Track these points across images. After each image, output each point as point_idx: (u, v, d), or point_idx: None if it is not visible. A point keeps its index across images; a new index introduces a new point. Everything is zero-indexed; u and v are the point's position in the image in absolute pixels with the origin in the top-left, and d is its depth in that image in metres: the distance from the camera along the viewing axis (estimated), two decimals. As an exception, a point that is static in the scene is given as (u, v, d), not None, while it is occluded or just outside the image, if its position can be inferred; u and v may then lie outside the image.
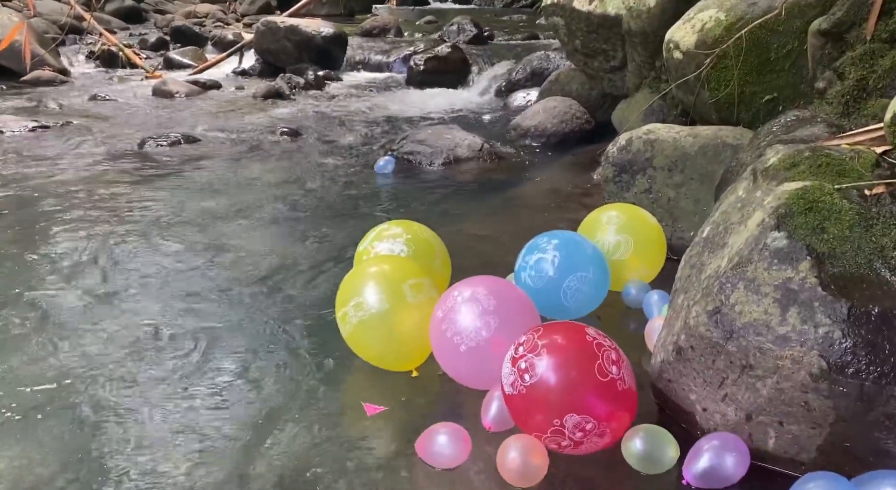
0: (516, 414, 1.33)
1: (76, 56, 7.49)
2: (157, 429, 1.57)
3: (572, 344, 1.31)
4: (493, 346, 1.47)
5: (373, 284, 1.67)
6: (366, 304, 1.65)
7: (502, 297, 1.55)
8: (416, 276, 1.71)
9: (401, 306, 1.65)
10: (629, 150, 2.48)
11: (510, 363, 1.33)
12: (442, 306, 1.58)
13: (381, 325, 1.65)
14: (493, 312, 1.51)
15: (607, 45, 3.70)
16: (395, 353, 1.70)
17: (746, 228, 1.39)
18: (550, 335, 1.33)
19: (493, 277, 1.68)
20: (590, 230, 2.13)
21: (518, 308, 1.57)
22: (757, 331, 1.25)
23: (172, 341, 1.97)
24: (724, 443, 1.31)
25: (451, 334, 1.52)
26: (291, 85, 6.16)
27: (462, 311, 1.52)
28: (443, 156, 3.92)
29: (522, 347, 1.32)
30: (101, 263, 2.51)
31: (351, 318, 1.67)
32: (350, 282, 1.75)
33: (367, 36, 8.89)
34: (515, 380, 1.29)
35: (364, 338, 1.69)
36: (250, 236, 2.79)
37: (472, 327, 1.50)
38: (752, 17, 2.31)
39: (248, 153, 4.12)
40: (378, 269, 1.74)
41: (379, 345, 1.69)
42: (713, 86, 2.44)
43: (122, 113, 5.20)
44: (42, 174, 3.60)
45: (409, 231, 2.00)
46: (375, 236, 2.00)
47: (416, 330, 1.65)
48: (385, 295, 1.65)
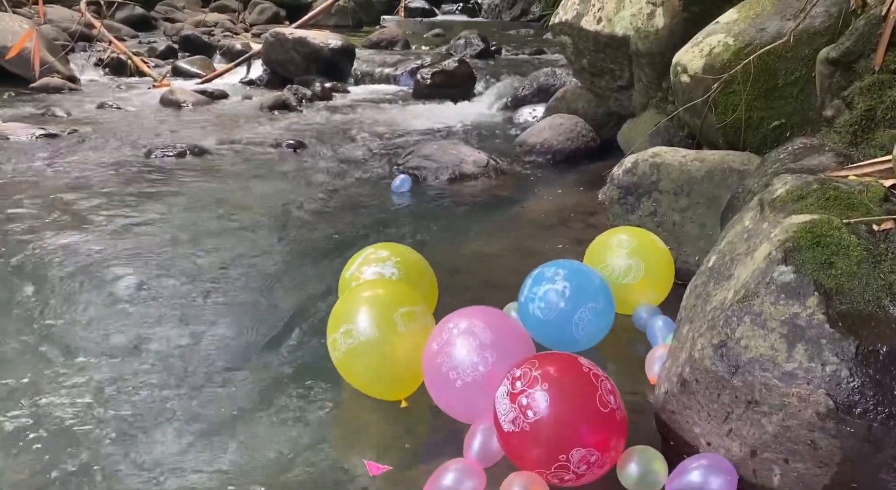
0: (517, 451, 1.31)
1: (85, 64, 7.53)
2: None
3: (571, 377, 1.29)
4: (490, 381, 1.44)
5: (364, 311, 1.64)
6: (355, 332, 1.62)
7: (498, 329, 1.53)
8: (409, 303, 1.68)
9: (391, 335, 1.62)
10: (635, 172, 2.48)
11: (508, 399, 1.30)
12: (437, 339, 1.55)
13: (371, 354, 1.62)
14: (490, 346, 1.48)
15: (614, 65, 3.71)
16: (384, 383, 1.66)
17: (753, 261, 1.38)
18: (547, 368, 1.30)
19: (487, 308, 1.65)
20: (599, 253, 2.12)
21: (514, 341, 1.55)
22: (763, 366, 1.23)
23: (164, 360, 1.97)
24: (711, 463, 1.31)
25: (447, 369, 1.49)
26: (298, 96, 6.19)
27: (458, 345, 1.49)
28: (448, 171, 3.93)
29: (520, 382, 1.29)
30: (101, 275, 2.51)
31: (340, 344, 1.64)
32: (342, 306, 1.71)
33: (375, 48, 8.94)
34: (517, 416, 1.27)
35: (353, 366, 1.66)
36: (254, 250, 2.79)
37: (469, 362, 1.47)
38: (760, 44, 2.31)
39: (255, 165, 4.13)
40: (371, 294, 1.71)
41: (368, 373, 1.66)
42: (720, 110, 2.44)
43: (130, 122, 5.22)
44: (47, 183, 3.62)
45: (397, 253, 1.97)
46: (363, 261, 1.95)
47: (407, 360, 1.62)
48: (375, 323, 1.62)
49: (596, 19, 3.61)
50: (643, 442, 1.48)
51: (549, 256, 2.72)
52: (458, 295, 2.44)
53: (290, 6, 12.04)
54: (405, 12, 15.19)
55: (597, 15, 3.61)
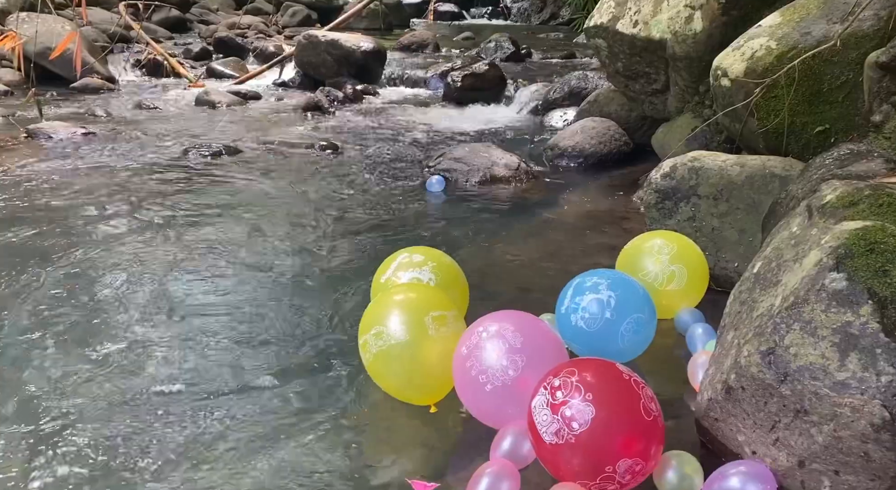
0: (560, 462, 1.27)
1: (123, 64, 7.70)
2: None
3: (613, 385, 1.27)
4: (520, 386, 1.42)
5: (395, 314, 1.63)
6: (386, 334, 1.61)
7: (529, 333, 1.50)
8: (440, 307, 1.66)
9: (422, 339, 1.60)
10: (673, 176, 2.45)
11: (549, 410, 1.26)
12: (466, 342, 1.53)
13: (401, 357, 1.61)
14: (520, 350, 1.46)
15: (650, 69, 3.67)
16: (413, 387, 1.65)
17: (802, 267, 1.36)
18: (587, 377, 1.27)
19: (518, 312, 1.63)
20: (636, 259, 2.09)
21: (545, 345, 1.52)
22: (813, 375, 1.21)
23: (193, 363, 1.99)
24: (750, 470, 1.29)
25: (477, 372, 1.47)
26: (330, 98, 6.25)
27: (487, 349, 1.47)
28: (479, 174, 3.93)
29: (561, 392, 1.26)
30: (141, 272, 2.56)
31: (371, 346, 1.63)
32: (373, 309, 1.71)
33: (405, 51, 8.99)
34: (560, 428, 1.24)
35: (383, 369, 1.66)
36: (287, 249, 2.82)
37: (499, 366, 1.45)
38: (805, 47, 2.27)
39: (288, 165, 4.18)
40: (402, 297, 1.70)
41: (398, 377, 1.65)
42: (762, 115, 2.40)
43: (167, 122, 5.32)
44: (89, 180, 3.70)
45: (432, 258, 1.96)
46: (398, 266, 1.93)
47: (437, 364, 1.60)
48: (406, 326, 1.61)
49: (632, 23, 3.58)
50: (679, 447, 1.46)
51: (581, 262, 2.70)
52: (489, 300, 2.43)
53: (322, 9, 12.17)
54: (434, 15, 15.26)
55: (633, 18, 3.58)
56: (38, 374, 1.87)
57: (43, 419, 1.67)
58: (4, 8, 7.72)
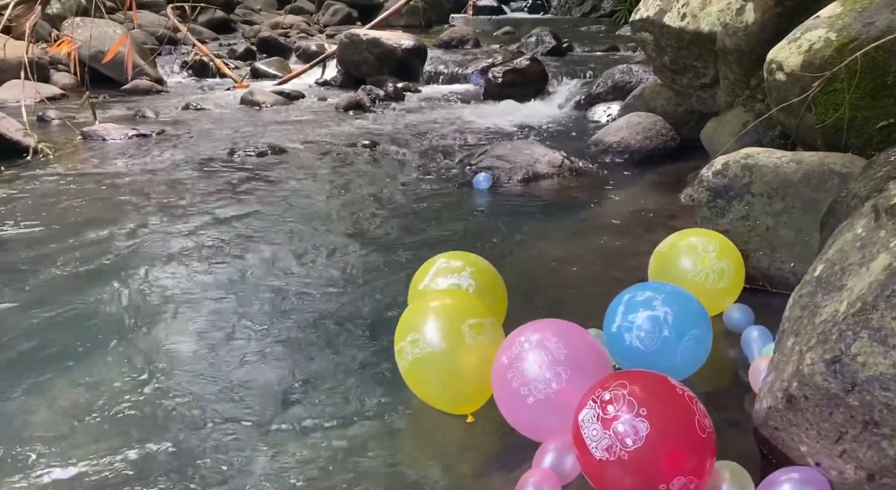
0: (611, 479, 1.22)
1: (171, 66, 7.90)
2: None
3: (667, 400, 1.22)
4: (564, 399, 1.38)
5: (431, 321, 1.60)
6: (422, 342, 1.57)
7: (573, 344, 1.45)
8: (477, 315, 1.63)
9: (458, 347, 1.57)
10: (726, 174, 2.38)
11: (600, 424, 1.21)
12: (507, 352, 1.48)
13: (437, 365, 1.58)
14: (564, 362, 1.41)
15: (698, 62, 3.58)
16: (450, 396, 1.62)
17: (870, 272, 1.30)
18: (639, 390, 1.22)
19: (560, 321, 1.58)
20: (680, 258, 2.04)
21: (590, 357, 1.47)
22: (884, 385, 1.16)
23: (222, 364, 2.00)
24: (803, 477, 1.25)
25: (518, 384, 1.42)
26: (372, 96, 6.29)
27: (529, 360, 1.43)
28: (522, 171, 3.89)
29: (613, 407, 1.21)
30: (181, 270, 2.62)
31: (407, 354, 1.61)
32: (410, 315, 1.68)
33: (445, 47, 8.98)
34: (612, 444, 1.19)
35: (419, 376, 1.63)
36: (331, 249, 2.85)
37: (542, 378, 1.41)
38: (868, 38, 2.17)
39: (332, 165, 4.23)
40: (439, 304, 1.67)
41: (434, 385, 1.62)
42: (820, 110, 2.31)
43: (213, 122, 5.44)
44: (139, 179, 3.81)
45: (471, 263, 1.91)
46: (437, 271, 1.89)
47: (474, 373, 1.57)
48: (442, 333, 1.58)
49: (680, 15, 3.49)
50: (735, 454, 1.43)
51: (626, 263, 2.65)
52: (532, 302, 2.40)
53: (363, 6, 12.26)
54: (474, 10, 15.20)
55: (681, 11, 3.49)
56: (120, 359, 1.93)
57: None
58: (60, 13, 8.01)
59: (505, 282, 2.57)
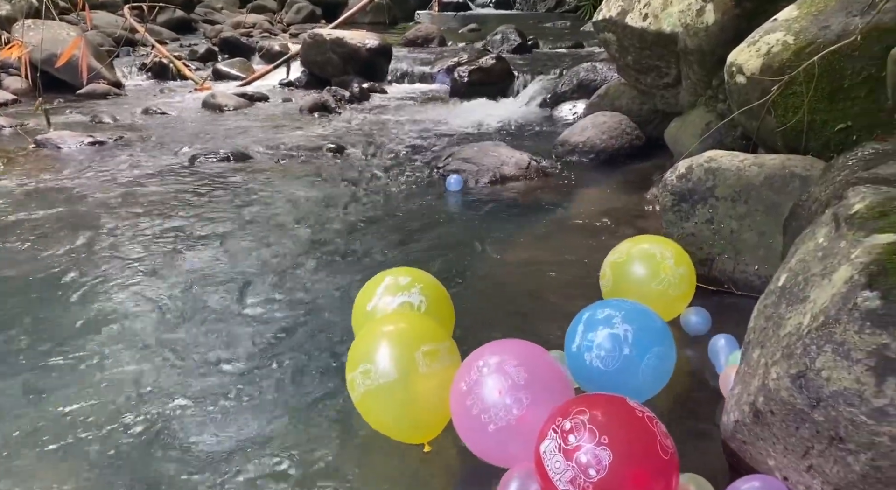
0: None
1: (129, 68, 7.69)
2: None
3: (628, 425, 1.19)
4: (525, 424, 1.34)
5: (382, 349, 1.53)
6: (374, 373, 1.50)
7: (533, 368, 1.41)
8: (432, 340, 1.55)
9: (412, 377, 1.50)
10: (689, 178, 2.39)
11: (562, 456, 1.18)
12: (465, 378, 1.43)
13: (390, 397, 1.51)
14: (524, 387, 1.37)
15: (661, 62, 3.60)
16: (405, 426, 1.56)
17: (832, 284, 1.30)
18: (598, 417, 1.19)
19: (519, 342, 1.53)
20: (639, 266, 2.01)
21: (550, 380, 1.43)
22: (848, 401, 1.16)
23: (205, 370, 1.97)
24: (764, 485, 1.26)
25: (478, 411, 1.38)
26: (337, 97, 6.20)
27: (489, 385, 1.39)
28: (489, 174, 3.87)
29: (574, 436, 1.18)
30: (146, 282, 2.54)
31: (358, 385, 1.54)
32: (361, 343, 1.60)
33: (411, 46, 8.92)
34: (576, 476, 1.16)
35: (372, 408, 1.56)
36: (295, 259, 2.79)
37: (502, 404, 1.37)
38: (824, 42, 2.19)
39: (296, 170, 4.15)
40: (391, 330, 1.59)
41: (388, 416, 1.56)
42: (780, 112, 2.33)
43: (174, 127, 5.30)
44: (97, 191, 3.68)
45: (418, 279, 1.84)
46: (385, 290, 1.80)
47: (430, 402, 1.51)
48: (395, 363, 1.50)
49: (642, 16, 3.50)
50: (704, 466, 1.43)
51: (595, 266, 2.63)
52: (503, 309, 2.39)
53: (327, 4, 12.11)
54: (439, 7, 15.13)
55: (643, 11, 3.50)
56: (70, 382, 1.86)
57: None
58: (10, 15, 7.72)
59: (474, 289, 2.57)
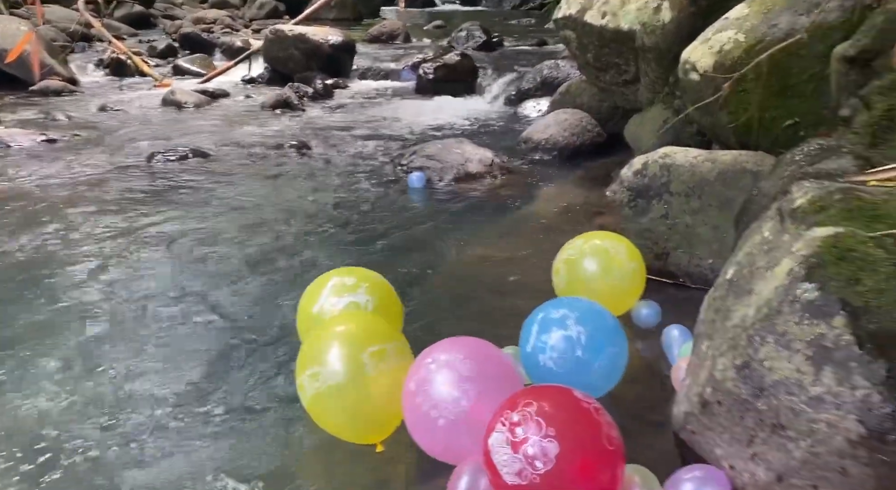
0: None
1: (85, 64, 7.49)
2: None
3: (574, 416, 1.21)
4: (474, 417, 1.34)
5: (330, 352, 1.52)
6: (321, 375, 1.50)
7: (480, 360, 1.42)
8: (379, 340, 1.55)
9: (359, 378, 1.50)
10: (645, 173, 2.42)
11: (510, 448, 1.18)
12: (415, 377, 1.44)
13: (339, 399, 1.50)
14: (471, 379, 1.38)
15: (620, 60, 3.64)
16: (356, 427, 1.55)
17: (775, 276, 1.34)
18: (545, 408, 1.20)
19: (469, 339, 1.53)
20: (594, 262, 2.02)
21: (499, 373, 1.44)
22: (788, 390, 1.19)
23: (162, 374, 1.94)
24: (706, 475, 1.30)
25: (427, 408, 1.38)
26: (300, 94, 6.14)
27: (437, 381, 1.39)
28: (453, 171, 3.88)
29: (521, 429, 1.19)
30: (100, 284, 2.48)
31: (307, 388, 1.53)
32: (309, 346, 1.59)
33: (376, 42, 8.88)
34: (523, 468, 1.16)
35: (321, 410, 1.55)
36: (255, 259, 2.75)
37: (450, 398, 1.37)
38: (772, 40, 2.24)
39: (257, 168, 4.10)
40: (337, 332, 1.58)
41: (338, 418, 1.54)
42: (732, 109, 2.38)
43: (131, 125, 5.19)
44: (47, 190, 3.58)
45: (365, 278, 1.82)
46: (330, 291, 1.77)
47: (380, 402, 1.51)
48: (341, 365, 1.50)
49: (601, 14, 3.54)
50: (656, 457, 1.46)
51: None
52: (466, 307, 2.40)
53: (290, 0, 11.96)
54: (405, 2, 15.07)
55: (601, 9, 3.54)
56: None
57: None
58: (-43, 9, 7.47)
59: (436, 286, 2.57)
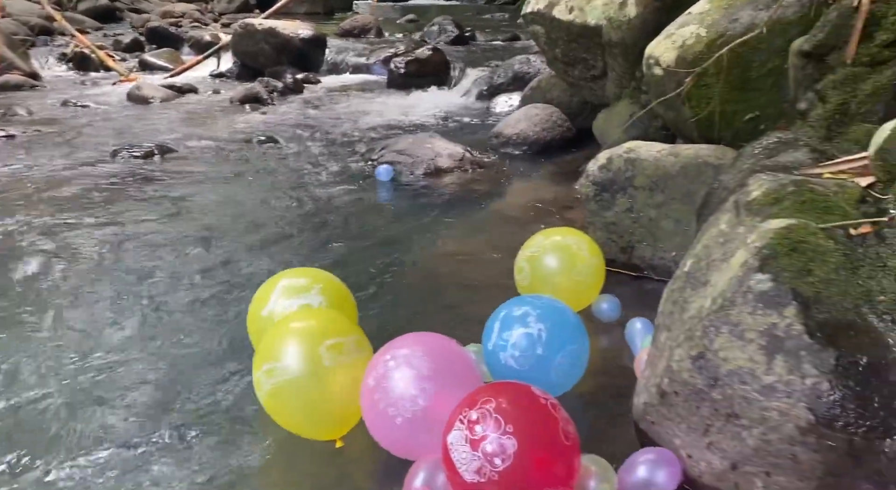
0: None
1: (47, 59, 7.31)
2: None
3: (532, 413, 1.22)
4: (432, 415, 1.34)
5: (286, 347, 1.49)
6: (277, 370, 1.47)
7: (439, 358, 1.42)
8: (336, 334, 1.52)
9: (317, 372, 1.47)
10: (609, 168, 2.44)
11: (469, 446, 1.19)
12: (373, 373, 1.43)
13: (296, 393, 1.48)
14: (429, 377, 1.38)
15: (588, 55, 3.66)
16: (314, 423, 1.53)
17: (730, 268, 1.36)
18: (504, 406, 1.21)
19: (429, 335, 1.53)
20: (557, 259, 2.03)
21: (458, 370, 1.44)
22: (742, 379, 1.21)
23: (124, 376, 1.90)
24: (658, 457, 1.34)
25: (385, 405, 1.38)
26: (270, 89, 6.07)
27: (395, 378, 1.39)
28: (423, 166, 3.87)
29: (480, 427, 1.19)
30: (61, 285, 2.43)
31: (263, 384, 1.50)
32: (264, 342, 1.56)
33: (347, 36, 8.79)
34: (482, 466, 1.17)
35: (278, 406, 1.52)
36: (221, 257, 2.72)
37: (408, 396, 1.37)
38: (733, 34, 2.27)
39: (225, 164, 4.04)
40: (293, 327, 1.55)
41: (295, 414, 1.52)
42: (694, 103, 2.41)
43: (95, 120, 5.08)
44: (6, 188, 3.49)
45: (318, 279, 1.79)
46: (281, 293, 1.73)
47: (338, 397, 1.49)
48: (298, 359, 1.47)
49: (568, 9, 3.55)
50: (619, 446, 1.48)
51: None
52: (434, 302, 2.39)
53: (260, -6, 11.79)
54: (377, -3, 14.95)
55: (569, 4, 3.55)
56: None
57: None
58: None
59: (404, 281, 2.57)
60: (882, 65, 1.80)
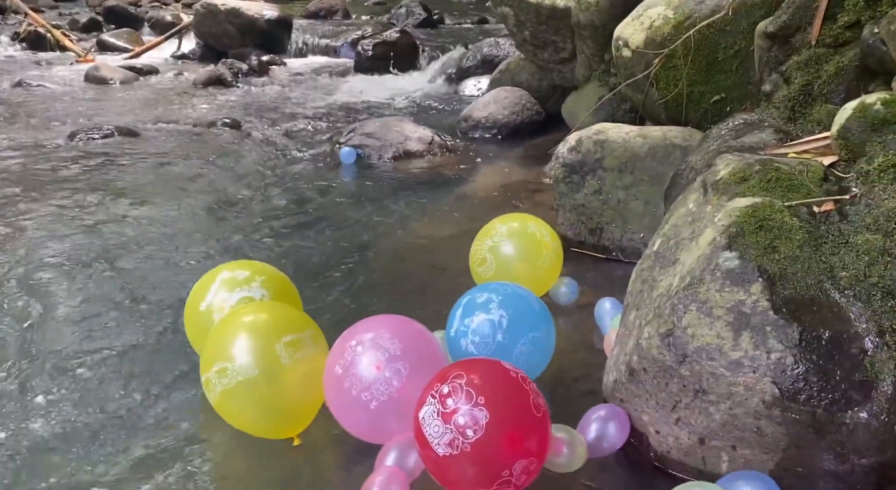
0: (456, 474, 1.20)
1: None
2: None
3: (503, 386, 1.22)
4: (407, 395, 1.32)
5: (239, 344, 1.41)
6: (231, 370, 1.38)
7: (407, 338, 1.40)
8: (292, 330, 1.45)
9: (274, 370, 1.40)
10: (579, 150, 2.44)
11: (441, 419, 1.18)
12: (339, 361, 1.38)
13: (251, 394, 1.40)
14: (401, 357, 1.35)
15: (557, 37, 3.65)
16: (271, 422, 1.46)
17: (698, 246, 1.37)
18: (476, 380, 1.20)
19: (387, 316, 1.51)
20: (523, 245, 2.01)
21: (426, 349, 1.42)
22: (709, 355, 1.23)
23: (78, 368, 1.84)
24: (607, 413, 1.40)
25: (358, 391, 1.34)
26: (234, 71, 5.93)
27: (365, 363, 1.36)
28: (392, 149, 3.83)
29: (452, 400, 1.18)
30: (13, 273, 2.34)
31: (215, 385, 1.41)
32: (214, 339, 1.47)
33: (313, 18, 8.63)
34: (454, 438, 1.16)
35: (232, 407, 1.44)
36: (182, 244, 2.65)
37: (382, 379, 1.34)
38: (700, 16, 2.29)
39: (187, 147, 3.94)
40: (247, 322, 1.46)
41: (250, 414, 1.44)
42: (662, 85, 2.42)
43: (51, 102, 4.90)
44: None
45: (259, 271, 1.71)
46: (220, 285, 1.65)
47: (296, 394, 1.43)
48: (254, 358, 1.39)
49: (537, -10, 3.53)
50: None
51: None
52: (400, 285, 2.38)
53: (222, -26, 11.48)
54: (344, -21, 14.68)
55: (538, -15, 3.53)
56: None
57: None
58: None
59: (372, 265, 2.54)
60: (844, 46, 1.82)
